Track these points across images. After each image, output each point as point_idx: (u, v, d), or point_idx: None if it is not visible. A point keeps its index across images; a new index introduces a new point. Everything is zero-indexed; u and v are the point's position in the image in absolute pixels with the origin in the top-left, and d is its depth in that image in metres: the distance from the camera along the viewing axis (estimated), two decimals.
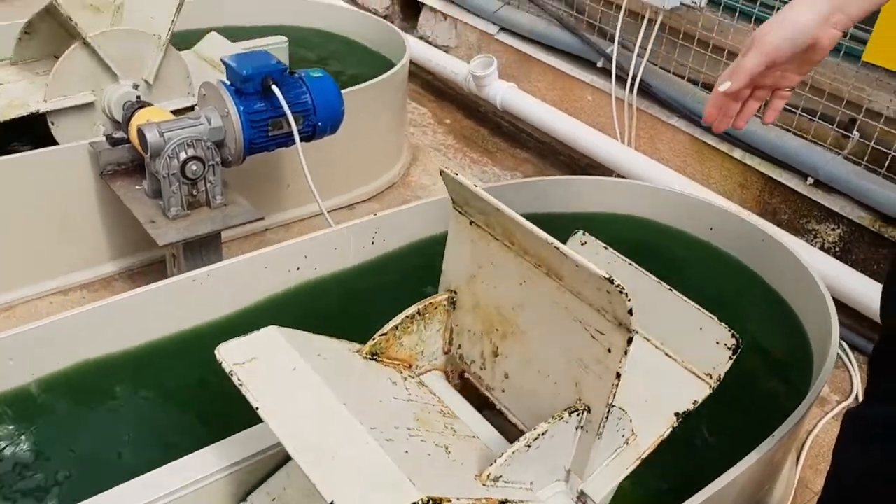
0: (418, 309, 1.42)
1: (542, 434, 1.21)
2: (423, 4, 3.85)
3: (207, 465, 1.38)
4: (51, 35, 2.48)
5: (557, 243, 1.16)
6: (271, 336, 1.33)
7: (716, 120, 1.36)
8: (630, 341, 1.14)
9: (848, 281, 2.39)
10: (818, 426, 2.14)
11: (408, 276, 2.12)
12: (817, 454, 2.07)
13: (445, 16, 3.74)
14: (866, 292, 2.34)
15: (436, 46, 3.76)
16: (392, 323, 1.41)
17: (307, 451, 1.11)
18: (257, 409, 1.18)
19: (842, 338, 2.41)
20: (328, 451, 1.11)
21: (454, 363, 1.52)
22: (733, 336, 1.41)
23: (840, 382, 2.32)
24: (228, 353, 1.27)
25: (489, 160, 3.32)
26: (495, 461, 1.19)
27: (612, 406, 1.22)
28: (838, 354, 2.40)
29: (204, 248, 2.08)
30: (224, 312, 1.88)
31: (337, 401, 1.20)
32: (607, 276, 1.08)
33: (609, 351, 1.18)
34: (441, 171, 1.32)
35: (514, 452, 1.19)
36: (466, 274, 1.42)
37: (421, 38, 3.86)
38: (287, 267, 1.98)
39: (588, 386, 1.24)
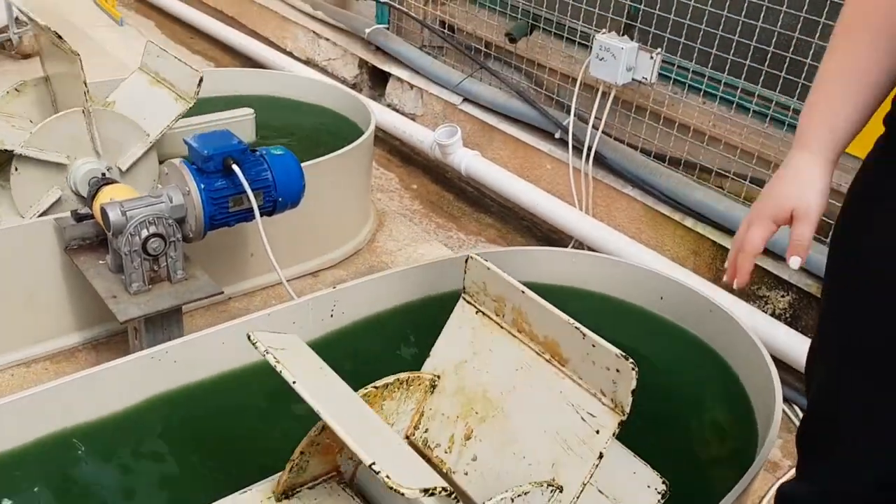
0: (408, 377, 1.48)
1: (522, 494, 1.25)
2: (390, 74, 3.97)
3: None
4: (37, 101, 2.56)
5: (579, 326, 1.24)
6: (296, 340, 1.45)
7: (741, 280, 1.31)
8: (622, 424, 1.20)
9: (798, 346, 2.46)
10: (770, 492, 2.19)
11: (366, 351, 2.17)
12: None
13: (412, 86, 3.86)
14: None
15: (403, 114, 3.87)
16: (384, 380, 1.48)
17: (342, 420, 1.18)
18: (293, 382, 1.26)
19: (792, 401, 2.47)
20: (360, 424, 1.17)
21: (414, 447, 1.56)
22: (664, 482, 1.49)
23: (792, 447, 2.37)
24: (262, 338, 1.36)
25: (454, 225, 3.39)
26: None
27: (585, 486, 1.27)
28: (790, 417, 2.47)
29: (165, 322, 2.12)
30: (179, 386, 1.91)
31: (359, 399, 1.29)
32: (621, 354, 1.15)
33: (597, 433, 1.25)
34: (468, 258, 1.41)
35: (501, 499, 1.23)
36: (457, 359, 1.49)
37: (388, 105, 3.97)
38: (246, 343, 2.01)
39: (566, 466, 1.30)
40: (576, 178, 3.11)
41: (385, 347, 2.26)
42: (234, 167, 2.10)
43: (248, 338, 1.38)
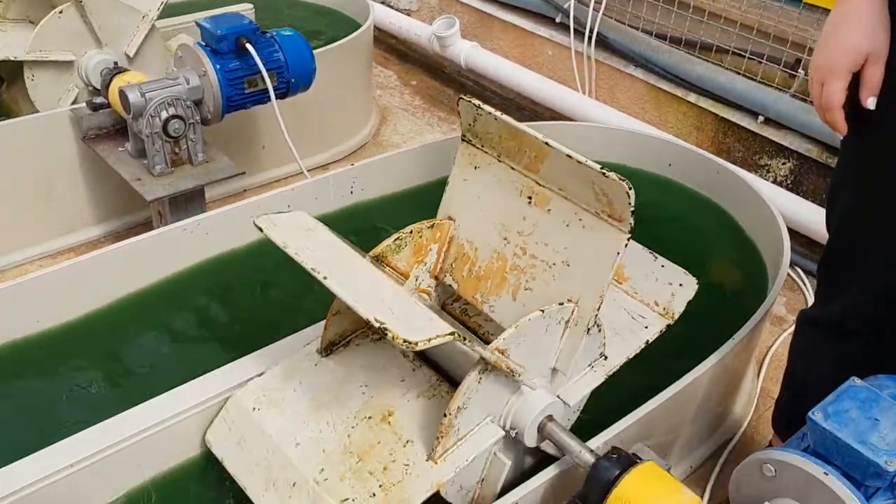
0: (421, 226, 1.54)
1: (535, 318, 1.33)
2: None
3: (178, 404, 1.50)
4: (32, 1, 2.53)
5: (565, 149, 1.29)
6: (302, 216, 1.51)
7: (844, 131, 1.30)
8: (629, 237, 1.26)
9: (800, 210, 2.54)
10: (777, 342, 2.30)
11: (386, 224, 2.23)
12: (777, 367, 2.23)
13: None
14: (817, 219, 2.50)
15: (398, 10, 3.84)
16: (399, 233, 1.53)
17: (348, 286, 1.25)
18: (296, 255, 1.32)
19: (796, 264, 2.57)
20: (366, 287, 1.26)
21: (442, 288, 1.62)
22: (690, 278, 1.57)
23: (796, 304, 2.48)
24: (265, 219, 1.42)
25: (456, 118, 3.41)
26: (501, 337, 1.31)
27: (602, 300, 1.34)
28: (794, 278, 2.57)
29: (189, 204, 2.17)
30: (212, 256, 1.98)
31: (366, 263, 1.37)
32: (602, 170, 1.21)
33: (606, 247, 1.31)
34: (460, 99, 1.44)
35: (517, 327, 1.30)
36: (468, 199, 1.53)
37: (383, 2, 3.93)
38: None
39: (581, 282, 1.36)
40: (578, 62, 3.13)
41: (404, 222, 2.31)
42: (248, 46, 2.11)
43: (254, 223, 1.42)
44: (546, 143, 1.33)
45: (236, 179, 2.57)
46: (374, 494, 1.33)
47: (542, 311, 1.34)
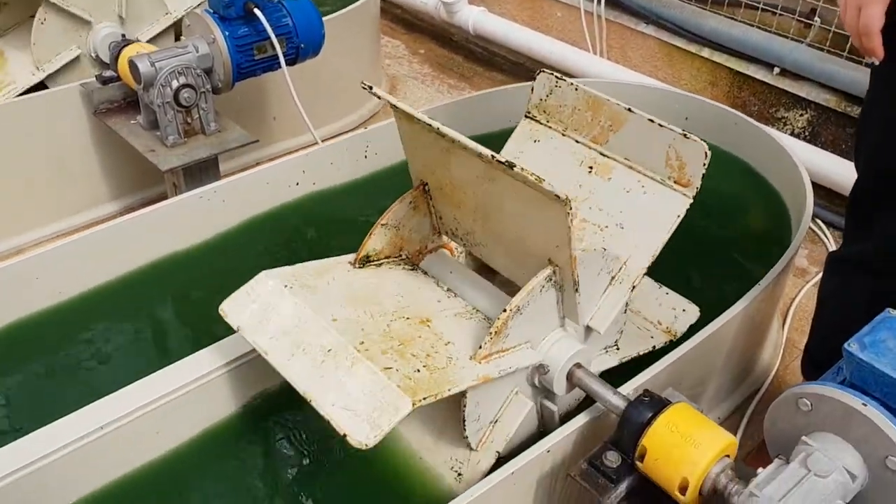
0: (398, 203, 1.52)
1: (521, 305, 1.32)
2: None
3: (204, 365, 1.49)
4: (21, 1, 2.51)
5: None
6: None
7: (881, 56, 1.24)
8: (692, 201, 1.25)
9: (819, 161, 2.50)
10: (801, 294, 2.28)
11: (401, 187, 2.21)
12: (802, 317, 2.21)
13: None
14: (837, 170, 2.47)
15: None
16: (378, 222, 1.52)
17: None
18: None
19: (817, 216, 2.54)
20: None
21: (451, 237, 1.61)
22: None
23: (819, 255, 2.45)
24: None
25: (467, 84, 3.39)
26: (483, 343, 1.30)
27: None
28: (815, 231, 2.54)
29: (203, 174, 2.16)
30: (231, 225, 1.97)
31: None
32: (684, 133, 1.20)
33: (666, 211, 1.31)
34: (540, 72, 1.43)
35: (495, 332, 1.30)
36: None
37: None
38: (287, 182, 2.06)
39: (633, 244, 1.39)
40: (588, 22, 3.09)
41: None
42: (256, 11, 2.09)
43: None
44: (629, 110, 1.33)
45: (248, 151, 2.56)
46: (418, 370, 1.28)
47: (526, 291, 1.32)
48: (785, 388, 2.03)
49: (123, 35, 2.32)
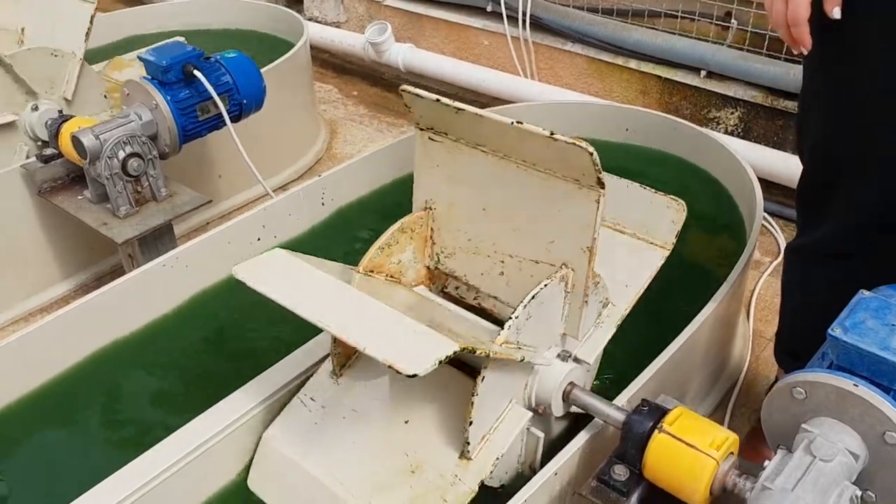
0: (402, 224, 1.52)
1: (537, 295, 1.33)
2: None
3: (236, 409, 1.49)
4: None
5: (519, 123, 1.28)
6: (281, 253, 1.44)
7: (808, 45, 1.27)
8: (600, 197, 1.27)
9: (753, 155, 2.61)
10: (758, 284, 2.36)
11: (365, 228, 2.22)
12: (763, 307, 2.28)
13: None
14: (773, 161, 2.57)
15: (326, 24, 3.83)
16: (382, 238, 1.51)
17: (343, 323, 1.22)
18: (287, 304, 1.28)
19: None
20: (368, 328, 1.22)
21: (436, 275, 1.62)
22: (678, 203, 1.57)
23: (769, 246, 2.55)
24: (244, 270, 1.36)
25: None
26: (504, 327, 1.31)
27: (593, 261, 1.35)
28: (763, 223, 2.64)
29: (159, 241, 2.12)
30: (198, 289, 1.94)
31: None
32: (571, 140, 1.21)
33: (584, 211, 1.31)
34: (402, 89, 1.42)
35: (517, 317, 1.31)
36: (438, 185, 1.52)
37: (310, 19, 3.91)
38: (248, 239, 2.04)
39: (570, 248, 1.37)
40: (515, 47, 3.16)
41: (379, 224, 2.31)
42: (196, 73, 2.08)
43: (234, 273, 1.38)
44: (498, 121, 1.33)
45: (198, 213, 2.53)
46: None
47: (543, 284, 1.35)
48: (760, 378, 2.11)
49: (60, 111, 2.27)
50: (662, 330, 1.67)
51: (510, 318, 1.31)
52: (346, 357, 1.55)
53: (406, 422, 1.45)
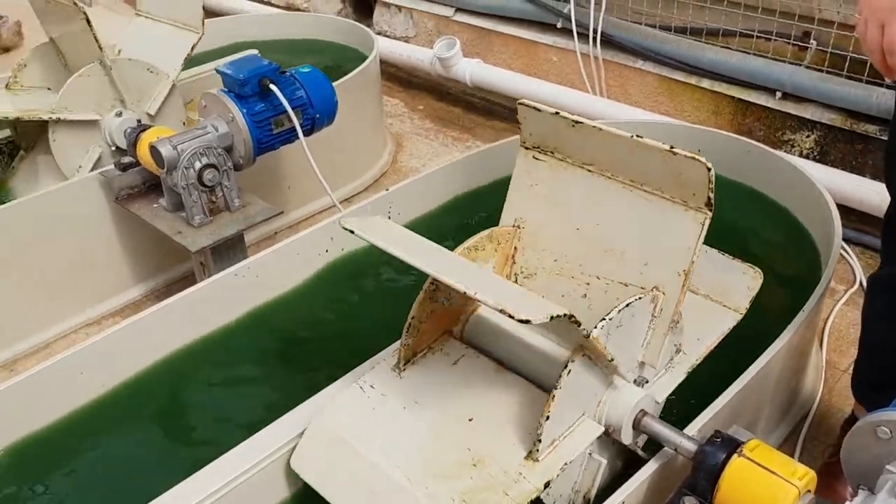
0: (491, 233, 1.53)
1: (631, 304, 1.32)
2: (375, 1, 3.95)
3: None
4: (48, 68, 2.55)
5: (639, 137, 1.29)
6: (383, 220, 1.48)
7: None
8: (708, 219, 1.26)
9: (830, 179, 2.53)
10: (833, 313, 2.28)
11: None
12: (838, 337, 2.21)
13: (400, 8, 3.85)
14: (850, 186, 2.50)
15: (395, 39, 3.87)
16: (471, 240, 1.52)
17: (453, 274, 1.21)
18: (393, 251, 1.28)
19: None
20: (467, 274, 1.23)
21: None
22: (755, 270, 1.57)
23: (844, 274, 2.47)
24: (353, 222, 1.39)
25: (469, 136, 3.43)
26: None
27: (686, 288, 1.33)
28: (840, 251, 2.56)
29: (231, 251, 2.16)
30: (268, 298, 1.97)
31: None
32: (691, 154, 1.21)
33: (685, 234, 1.30)
34: (519, 103, 1.43)
35: (611, 320, 1.30)
36: (532, 204, 1.53)
37: (379, 33, 3.96)
38: (317, 251, 2.07)
39: (664, 272, 1.36)
40: (585, 64, 3.14)
41: (447, 238, 2.31)
42: (272, 87, 2.12)
43: (341, 224, 1.40)
44: (618, 134, 1.34)
45: (266, 223, 2.57)
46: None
47: (636, 297, 1.34)
48: (833, 410, 2.04)
49: (139, 120, 2.34)
50: (734, 358, 1.63)
51: (604, 318, 1.30)
52: (413, 352, 1.55)
53: (470, 419, 1.44)
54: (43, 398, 1.66)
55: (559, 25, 3.22)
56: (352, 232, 1.37)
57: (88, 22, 2.32)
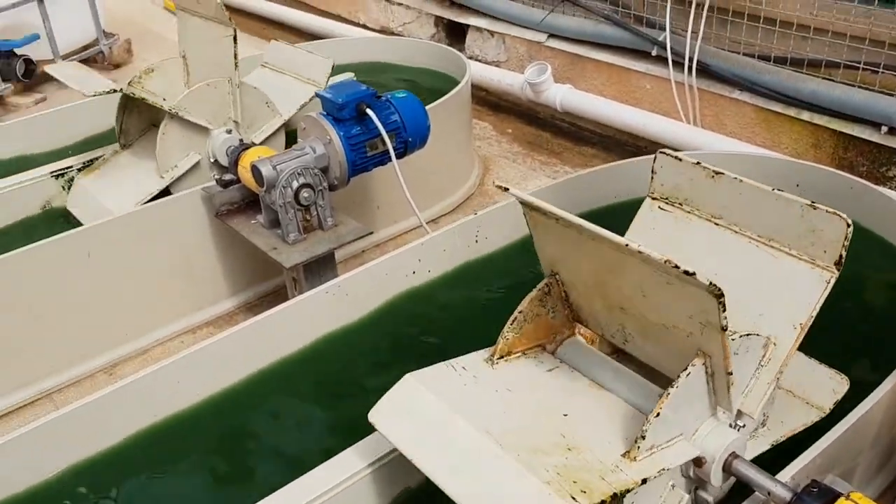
0: (532, 294, 1.53)
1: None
2: (468, 26, 4.00)
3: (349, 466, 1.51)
4: (168, 82, 2.69)
5: (780, 191, 1.30)
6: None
7: None
8: (835, 277, 1.28)
9: None
10: None
11: (513, 269, 2.23)
12: None
13: (492, 33, 3.88)
14: None
15: (486, 63, 3.91)
16: (513, 315, 1.53)
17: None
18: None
19: None
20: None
21: (587, 326, 1.60)
22: (841, 377, 1.56)
23: None
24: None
25: (557, 160, 3.43)
26: (637, 441, 1.28)
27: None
28: None
29: (321, 268, 2.22)
30: (355, 317, 2.01)
31: (484, 436, 1.34)
32: (832, 210, 1.25)
33: (807, 288, 1.32)
34: (660, 152, 1.47)
35: (647, 429, 1.28)
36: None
37: (470, 57, 4.00)
38: (404, 272, 2.10)
39: (776, 323, 1.36)
40: (679, 92, 3.10)
41: (528, 267, 2.31)
42: (368, 111, 2.17)
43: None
44: (757, 186, 1.34)
45: (355, 242, 2.63)
46: (575, 481, 1.27)
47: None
48: None
49: (241, 140, 2.44)
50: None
51: (640, 434, 1.28)
52: (508, 349, 1.55)
53: (565, 415, 1.42)
54: (144, 403, 1.74)
55: (654, 53, 3.19)
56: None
57: (235, 39, 2.44)
